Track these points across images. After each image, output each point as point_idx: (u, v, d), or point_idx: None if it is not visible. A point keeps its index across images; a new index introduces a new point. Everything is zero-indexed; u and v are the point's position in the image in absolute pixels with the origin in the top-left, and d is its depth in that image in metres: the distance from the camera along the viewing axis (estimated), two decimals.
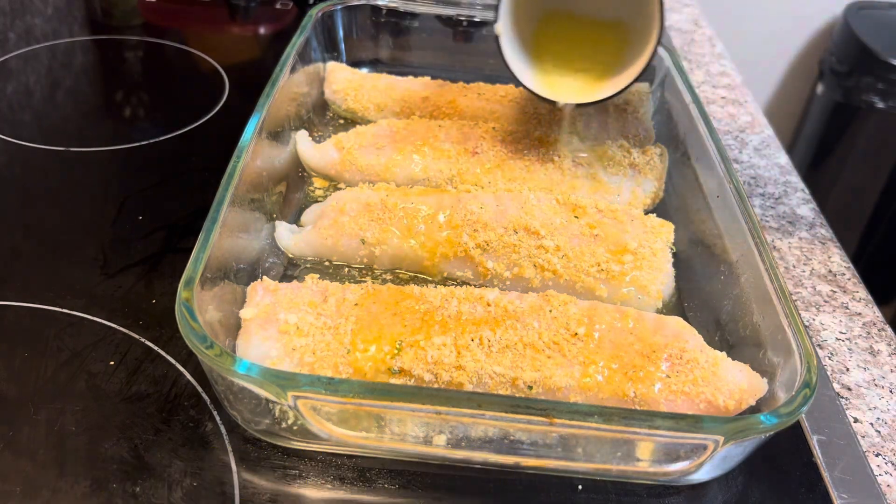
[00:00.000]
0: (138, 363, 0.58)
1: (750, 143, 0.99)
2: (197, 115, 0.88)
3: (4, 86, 0.93)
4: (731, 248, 0.64)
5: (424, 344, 0.53)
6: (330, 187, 0.77)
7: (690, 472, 0.51)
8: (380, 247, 0.66)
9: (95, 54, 1.05)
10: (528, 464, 0.52)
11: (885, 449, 0.60)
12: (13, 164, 0.80)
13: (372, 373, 0.52)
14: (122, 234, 0.70)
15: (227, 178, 0.59)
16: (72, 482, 0.49)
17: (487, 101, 0.86)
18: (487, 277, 0.65)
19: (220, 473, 0.51)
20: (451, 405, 0.46)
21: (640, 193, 0.75)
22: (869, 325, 0.71)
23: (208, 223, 0.54)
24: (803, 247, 0.81)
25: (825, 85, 1.81)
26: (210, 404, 0.55)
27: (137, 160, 0.81)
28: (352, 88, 0.87)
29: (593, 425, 0.46)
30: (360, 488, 0.51)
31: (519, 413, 0.45)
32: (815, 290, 0.75)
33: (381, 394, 0.46)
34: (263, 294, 0.57)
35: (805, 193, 0.90)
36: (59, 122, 0.88)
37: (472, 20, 0.96)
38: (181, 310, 0.48)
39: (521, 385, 0.52)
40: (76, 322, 0.60)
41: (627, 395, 0.53)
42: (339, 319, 0.55)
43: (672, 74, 0.84)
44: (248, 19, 1.14)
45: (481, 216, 0.67)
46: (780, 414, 0.47)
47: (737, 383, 0.53)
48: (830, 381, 0.65)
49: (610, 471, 0.52)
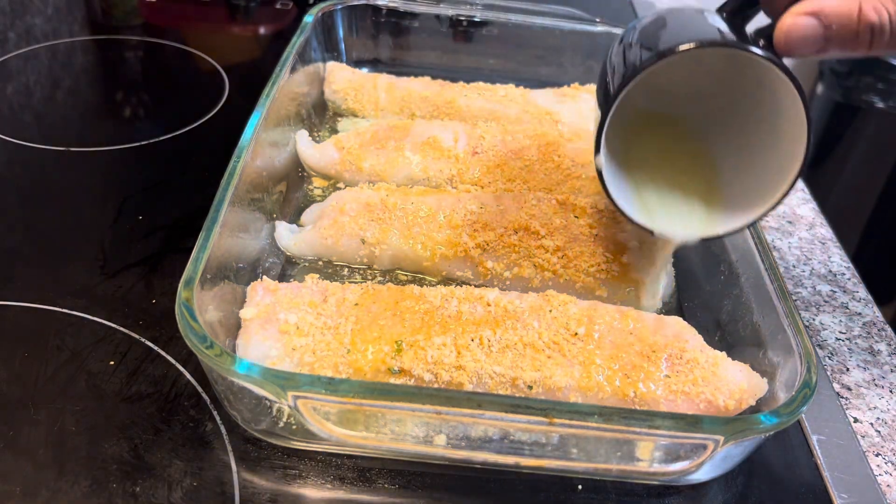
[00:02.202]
0: (138, 363, 0.58)
1: None
2: (197, 115, 0.88)
3: (4, 86, 0.93)
4: (731, 248, 0.64)
5: (424, 344, 0.53)
6: (330, 187, 0.77)
7: (690, 471, 0.51)
8: (380, 247, 0.66)
9: (95, 54, 1.05)
10: (528, 464, 0.52)
11: (885, 449, 0.60)
12: (13, 164, 0.80)
13: (372, 373, 0.52)
14: (122, 234, 0.70)
15: (227, 178, 0.59)
16: (72, 482, 0.49)
17: (487, 101, 0.86)
18: (487, 277, 0.65)
19: (220, 473, 0.51)
20: (451, 405, 0.46)
21: None
22: (869, 325, 0.71)
23: (208, 223, 0.54)
24: (803, 247, 0.81)
25: (825, 85, 1.81)
26: (210, 404, 0.55)
27: (137, 160, 0.81)
28: (352, 88, 0.87)
29: (593, 425, 0.46)
30: (360, 488, 0.51)
31: (519, 413, 0.45)
32: (815, 290, 0.75)
33: (381, 394, 0.46)
34: (263, 294, 0.57)
35: (805, 193, 0.90)
36: (59, 122, 0.88)
37: (472, 20, 0.96)
38: (181, 310, 0.48)
39: (521, 385, 0.52)
40: (76, 322, 0.60)
41: (627, 395, 0.52)
42: (339, 319, 0.55)
43: None
44: (248, 19, 1.14)
45: (481, 216, 0.67)
46: (780, 414, 0.47)
47: (737, 383, 0.53)
48: (830, 381, 0.65)
49: (610, 471, 0.52)
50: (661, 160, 0.62)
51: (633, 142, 0.61)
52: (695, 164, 0.61)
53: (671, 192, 0.60)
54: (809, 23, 0.46)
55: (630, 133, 0.61)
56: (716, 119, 0.62)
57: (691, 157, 0.62)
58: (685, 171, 0.61)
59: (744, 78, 0.56)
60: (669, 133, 0.63)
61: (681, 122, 0.63)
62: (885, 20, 0.45)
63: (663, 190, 0.60)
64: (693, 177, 0.60)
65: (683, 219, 0.58)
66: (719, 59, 0.57)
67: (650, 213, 0.58)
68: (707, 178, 0.60)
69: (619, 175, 0.59)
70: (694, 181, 0.60)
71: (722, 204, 0.58)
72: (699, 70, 0.59)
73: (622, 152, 0.60)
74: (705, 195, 0.59)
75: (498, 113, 0.85)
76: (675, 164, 0.61)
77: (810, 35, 0.46)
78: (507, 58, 0.99)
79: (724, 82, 0.59)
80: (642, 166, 0.61)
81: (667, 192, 0.60)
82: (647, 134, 0.63)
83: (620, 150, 0.59)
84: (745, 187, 0.57)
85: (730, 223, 0.56)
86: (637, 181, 0.60)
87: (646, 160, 0.61)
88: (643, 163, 0.61)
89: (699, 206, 0.59)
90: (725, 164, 0.60)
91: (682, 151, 0.62)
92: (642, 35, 0.53)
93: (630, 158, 0.61)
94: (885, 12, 0.45)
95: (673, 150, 0.62)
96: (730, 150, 0.60)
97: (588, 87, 0.90)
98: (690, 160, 0.61)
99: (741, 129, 0.59)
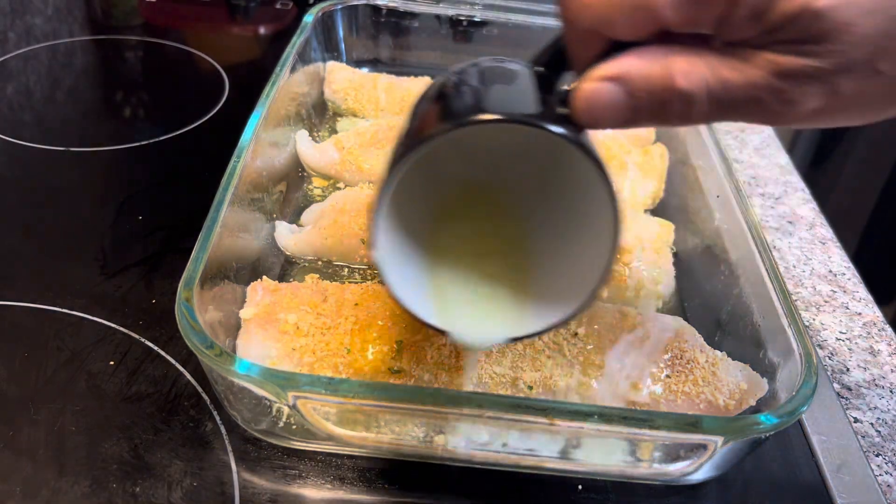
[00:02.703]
0: (138, 363, 0.58)
1: (750, 142, 0.99)
2: (197, 115, 0.88)
3: (4, 86, 0.93)
4: (731, 248, 0.64)
5: (424, 344, 0.53)
6: (330, 187, 0.77)
7: (690, 472, 0.51)
8: None
9: (95, 54, 1.05)
10: (529, 464, 0.52)
11: (885, 449, 0.60)
12: (13, 164, 0.80)
13: (372, 373, 0.52)
14: (122, 234, 0.70)
15: (227, 178, 0.59)
16: (72, 482, 0.49)
17: None
18: None
19: (220, 473, 0.51)
20: (451, 405, 0.46)
21: (640, 193, 0.75)
22: (869, 325, 0.71)
23: (208, 223, 0.54)
24: (803, 247, 0.81)
25: None
26: (210, 404, 0.55)
27: (137, 160, 0.81)
28: (352, 88, 0.87)
29: (593, 425, 0.45)
30: (360, 488, 0.51)
31: (519, 413, 0.45)
32: (815, 290, 0.75)
33: (381, 394, 0.46)
34: (263, 294, 0.57)
35: (805, 193, 0.90)
36: (59, 122, 0.88)
37: (472, 20, 0.96)
38: (181, 310, 0.48)
39: (521, 385, 0.52)
40: (76, 322, 0.60)
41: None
42: (339, 319, 0.55)
43: None
44: (248, 19, 1.14)
45: None
46: (780, 414, 0.47)
47: (737, 383, 0.53)
48: (830, 381, 0.65)
49: (610, 471, 0.52)
50: (469, 243, 0.49)
51: (442, 219, 0.50)
52: (509, 249, 0.49)
53: (476, 283, 0.48)
54: (613, 90, 0.36)
55: (438, 208, 0.50)
56: (534, 196, 0.49)
57: (506, 242, 0.50)
58: (496, 258, 0.49)
59: (551, 153, 0.46)
60: (487, 210, 0.50)
61: (501, 194, 0.50)
62: (697, 89, 0.34)
63: (468, 281, 0.48)
64: (504, 265, 0.49)
65: (486, 318, 0.47)
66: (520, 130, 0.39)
67: (446, 312, 0.46)
68: (521, 267, 0.49)
69: (413, 256, 0.47)
70: (505, 271, 0.48)
71: (533, 299, 0.47)
72: (511, 137, 0.46)
73: (422, 231, 0.48)
74: (516, 288, 0.48)
75: None
76: (487, 248, 0.49)
77: (614, 104, 0.36)
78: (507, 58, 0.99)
79: (535, 155, 0.47)
80: (447, 251, 0.49)
81: (471, 284, 0.48)
82: (462, 210, 0.50)
83: (419, 228, 0.48)
84: (558, 280, 0.46)
85: (538, 323, 0.45)
86: (435, 266, 0.48)
87: (454, 244, 0.49)
88: (449, 247, 0.49)
89: (507, 302, 0.47)
90: (540, 250, 0.49)
91: (496, 234, 0.50)
92: (441, 94, 0.43)
93: (436, 239, 0.49)
94: (698, 77, 0.34)
95: (487, 232, 0.50)
96: (545, 234, 0.49)
97: None
98: (504, 244, 0.49)
99: (554, 210, 0.48)
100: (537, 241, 0.49)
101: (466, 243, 0.49)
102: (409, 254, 0.47)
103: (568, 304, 0.44)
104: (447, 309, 0.46)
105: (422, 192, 0.46)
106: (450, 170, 0.48)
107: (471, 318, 0.46)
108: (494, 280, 0.48)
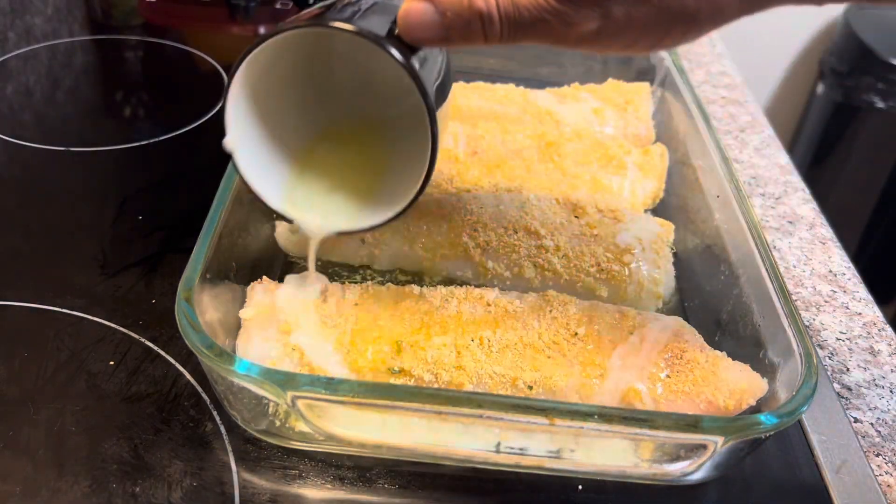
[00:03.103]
0: (138, 363, 0.58)
1: (750, 142, 0.99)
2: (197, 114, 0.88)
3: (4, 86, 0.93)
4: (731, 248, 0.64)
5: (424, 344, 0.53)
6: None
7: (690, 472, 0.51)
8: (380, 247, 0.66)
9: (95, 54, 1.05)
10: (528, 464, 0.52)
11: (886, 449, 0.60)
12: (13, 164, 0.80)
13: (372, 373, 0.52)
14: (122, 234, 0.70)
15: (227, 178, 0.59)
16: (72, 482, 0.49)
17: (487, 101, 0.86)
18: (487, 277, 0.65)
19: (220, 473, 0.51)
20: (451, 405, 0.46)
21: (640, 193, 0.75)
22: (869, 325, 0.71)
23: (208, 223, 0.54)
24: (803, 247, 0.81)
25: (825, 85, 1.82)
26: (210, 404, 0.55)
27: (137, 160, 0.81)
28: None
29: (593, 425, 0.46)
30: (360, 488, 0.51)
31: (519, 413, 0.45)
32: (815, 290, 0.75)
33: (381, 394, 0.46)
34: (263, 294, 0.57)
35: (805, 193, 0.90)
36: (59, 122, 0.88)
37: None
38: (181, 310, 0.48)
39: (521, 385, 0.52)
40: (76, 322, 0.60)
41: None
42: (339, 319, 0.55)
43: (672, 74, 0.84)
44: (248, 19, 1.14)
45: (481, 216, 0.66)
46: (780, 414, 0.47)
47: (737, 383, 0.53)
48: (830, 381, 0.65)
49: (610, 471, 0.52)
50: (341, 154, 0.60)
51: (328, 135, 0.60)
52: (370, 163, 0.59)
53: (331, 188, 0.57)
54: (427, 9, 0.42)
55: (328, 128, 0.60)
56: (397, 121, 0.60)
57: (371, 158, 0.60)
58: (357, 170, 0.59)
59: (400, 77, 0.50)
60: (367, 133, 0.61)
61: (382, 122, 0.61)
62: (493, 9, 0.41)
63: (324, 184, 0.58)
64: (362, 176, 0.59)
65: (327, 214, 0.56)
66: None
67: (294, 203, 0.56)
68: (375, 180, 0.58)
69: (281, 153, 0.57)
70: (362, 179, 0.58)
71: (372, 204, 0.56)
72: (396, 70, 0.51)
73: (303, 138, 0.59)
74: (363, 195, 0.57)
75: (498, 113, 0.85)
76: (354, 162, 0.59)
77: (428, 21, 0.43)
78: (507, 58, 0.99)
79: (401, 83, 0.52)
80: (321, 159, 0.59)
81: (326, 187, 0.57)
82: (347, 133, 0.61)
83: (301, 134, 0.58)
84: (393, 188, 0.55)
85: (363, 222, 0.54)
86: (305, 169, 0.58)
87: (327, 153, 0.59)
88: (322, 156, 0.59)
89: (350, 205, 0.57)
90: (391, 166, 0.59)
91: (366, 154, 0.60)
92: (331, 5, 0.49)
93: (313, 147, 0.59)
94: (494, 1, 0.41)
95: (362, 153, 0.60)
96: (395, 152, 0.59)
97: (588, 87, 0.90)
98: (368, 160, 0.60)
99: (405, 129, 0.58)
100: (391, 158, 0.59)
101: (339, 154, 0.59)
102: (277, 149, 0.56)
103: (392, 208, 0.52)
104: (295, 200, 0.56)
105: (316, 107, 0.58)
106: (346, 98, 0.60)
107: (312, 212, 0.56)
108: (349, 186, 0.57)
